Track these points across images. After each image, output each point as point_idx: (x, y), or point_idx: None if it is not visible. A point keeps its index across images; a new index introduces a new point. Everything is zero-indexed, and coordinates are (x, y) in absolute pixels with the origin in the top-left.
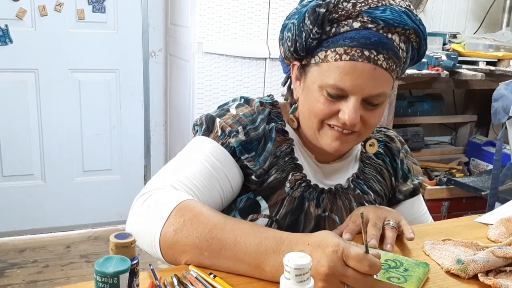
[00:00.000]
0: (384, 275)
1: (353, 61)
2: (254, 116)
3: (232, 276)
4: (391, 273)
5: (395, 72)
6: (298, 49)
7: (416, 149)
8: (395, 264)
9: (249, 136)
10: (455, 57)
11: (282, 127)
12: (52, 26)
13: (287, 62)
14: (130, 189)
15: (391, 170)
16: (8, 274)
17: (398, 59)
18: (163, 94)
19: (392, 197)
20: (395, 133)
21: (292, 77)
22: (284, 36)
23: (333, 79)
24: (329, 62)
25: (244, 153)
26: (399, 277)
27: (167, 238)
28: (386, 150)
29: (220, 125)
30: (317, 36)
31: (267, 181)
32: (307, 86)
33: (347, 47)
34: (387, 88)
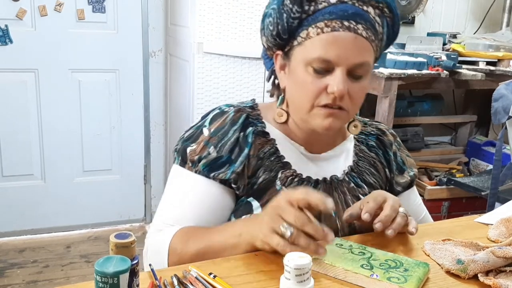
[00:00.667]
0: (384, 275)
1: (334, 32)
2: (226, 128)
3: (232, 276)
4: (391, 273)
5: (375, 44)
6: (281, 32)
7: (416, 149)
8: (395, 264)
9: (222, 150)
10: (455, 57)
11: (262, 129)
12: (52, 26)
13: (270, 53)
14: (130, 189)
15: (385, 162)
16: (8, 274)
17: (376, 31)
18: (163, 94)
19: (390, 190)
20: (387, 127)
21: (276, 68)
22: (265, 24)
23: (318, 52)
24: (311, 38)
25: (211, 171)
26: (399, 277)
27: (174, 262)
28: (378, 143)
29: (190, 156)
30: (297, 15)
31: (256, 183)
32: (292, 70)
33: (327, 21)
34: (369, 57)
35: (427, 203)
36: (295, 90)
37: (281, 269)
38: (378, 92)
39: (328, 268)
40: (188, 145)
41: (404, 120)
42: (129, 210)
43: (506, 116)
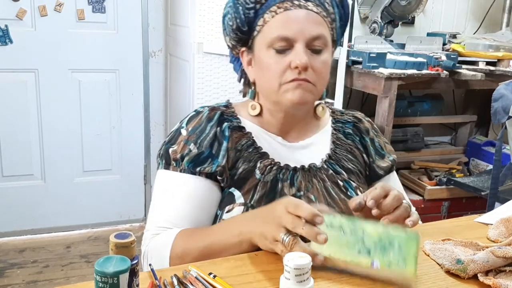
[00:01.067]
0: (384, 261)
1: (287, 11)
2: (203, 125)
3: (232, 276)
4: (388, 256)
5: (328, 21)
6: (240, 24)
7: (416, 149)
8: (387, 240)
9: (202, 146)
10: (455, 57)
11: (237, 124)
12: (52, 26)
13: (236, 52)
14: (130, 189)
15: (362, 148)
16: (8, 274)
17: (326, 9)
18: (163, 94)
19: (371, 174)
20: (363, 115)
21: (244, 65)
22: (225, 23)
23: (275, 32)
24: (268, 22)
25: (196, 166)
26: (398, 261)
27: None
28: (355, 130)
29: (173, 156)
30: (252, 6)
31: (236, 174)
32: (257, 58)
33: (279, 3)
34: (324, 31)
35: (427, 203)
36: (263, 75)
37: (281, 269)
38: (378, 92)
39: (326, 260)
40: (169, 147)
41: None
42: (129, 210)
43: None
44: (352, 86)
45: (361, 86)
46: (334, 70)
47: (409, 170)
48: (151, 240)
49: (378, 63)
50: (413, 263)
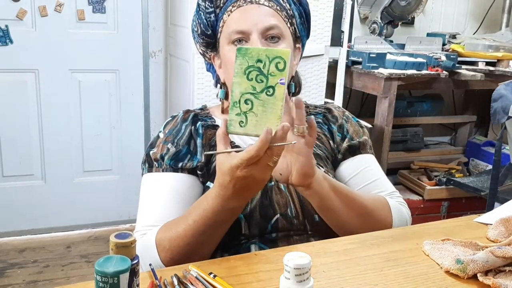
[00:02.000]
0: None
1: (240, 7)
2: (178, 126)
3: (232, 276)
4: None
5: (283, 14)
6: (203, 28)
7: (415, 149)
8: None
9: (179, 145)
10: (455, 58)
11: (211, 123)
12: (52, 26)
13: (208, 58)
14: (130, 189)
15: (328, 135)
16: (8, 274)
17: (280, 5)
18: (163, 94)
19: (337, 158)
20: (337, 106)
21: (216, 68)
22: (193, 33)
23: (233, 27)
24: (226, 21)
25: (178, 163)
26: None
27: (166, 256)
28: (324, 119)
29: (153, 156)
30: (211, 10)
31: (211, 168)
32: (222, 57)
33: (233, 3)
34: (278, 21)
35: (426, 203)
36: (227, 71)
37: (281, 269)
38: (378, 92)
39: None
40: (149, 150)
41: (403, 120)
42: (129, 210)
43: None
44: (352, 86)
45: (361, 86)
46: (334, 70)
47: (408, 170)
48: (139, 240)
49: (378, 63)
50: (275, 119)
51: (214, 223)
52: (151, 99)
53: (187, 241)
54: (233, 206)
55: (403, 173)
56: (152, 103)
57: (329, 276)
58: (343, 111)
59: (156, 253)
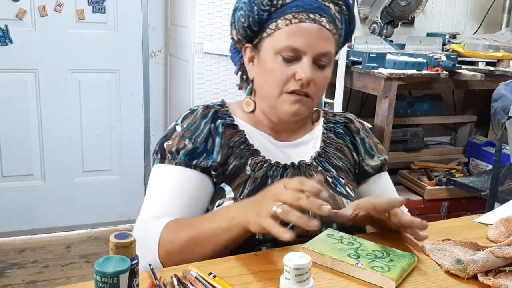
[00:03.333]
0: (369, 264)
1: (301, 23)
2: (197, 122)
3: (232, 276)
4: (376, 262)
5: (336, 37)
6: (251, 24)
7: (415, 149)
8: (381, 254)
9: (197, 142)
10: (455, 58)
11: (231, 122)
12: (52, 26)
13: (239, 46)
14: (130, 189)
15: (351, 147)
16: (8, 274)
17: (336, 26)
18: (163, 94)
19: (360, 172)
20: (355, 116)
21: (245, 60)
22: (236, 17)
23: (286, 41)
24: (280, 29)
25: (192, 159)
26: (383, 267)
27: (165, 257)
28: (345, 130)
29: (168, 149)
30: (267, 8)
31: (227, 170)
32: (261, 60)
33: (294, 13)
34: (332, 48)
35: (426, 203)
36: (264, 79)
37: (281, 269)
38: (378, 92)
39: (316, 256)
40: (164, 141)
41: (403, 121)
42: (129, 210)
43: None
44: (352, 86)
45: (361, 86)
46: (334, 70)
47: (408, 170)
48: (142, 229)
49: (378, 63)
50: (398, 273)
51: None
52: (151, 99)
53: (190, 243)
54: (232, 215)
55: (403, 173)
56: (152, 103)
57: (329, 276)
58: (362, 123)
59: (157, 244)
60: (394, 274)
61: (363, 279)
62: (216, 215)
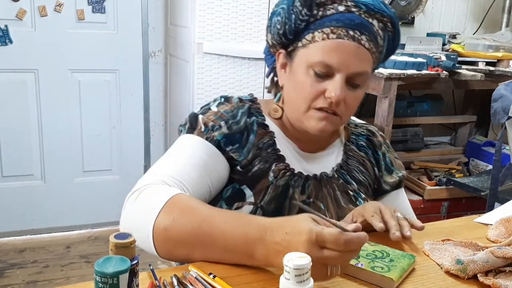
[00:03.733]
0: (369, 264)
1: (339, 39)
2: (235, 112)
3: (232, 276)
4: (376, 262)
5: (375, 56)
6: (287, 31)
7: (415, 149)
8: (381, 254)
9: (232, 129)
10: (455, 58)
11: (262, 121)
12: (52, 26)
13: (273, 51)
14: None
15: (374, 161)
16: (8, 275)
17: (377, 43)
18: (163, 94)
19: (378, 188)
20: (377, 129)
21: (277, 66)
22: (273, 22)
23: (321, 56)
24: (316, 42)
25: (228, 144)
26: (383, 267)
27: (159, 235)
28: (368, 143)
29: (203, 121)
30: (305, 18)
31: (251, 171)
32: (293, 70)
33: (333, 27)
34: (368, 68)
35: (426, 203)
36: (294, 90)
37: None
38: (378, 92)
39: None
40: (198, 114)
41: (403, 121)
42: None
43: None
44: None
45: None
46: None
47: (409, 170)
48: (146, 188)
49: None
50: (398, 273)
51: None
52: (151, 99)
53: (191, 236)
54: (255, 250)
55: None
56: (152, 103)
57: None
58: (384, 136)
59: (155, 216)
60: (394, 274)
61: (363, 279)
62: (235, 226)
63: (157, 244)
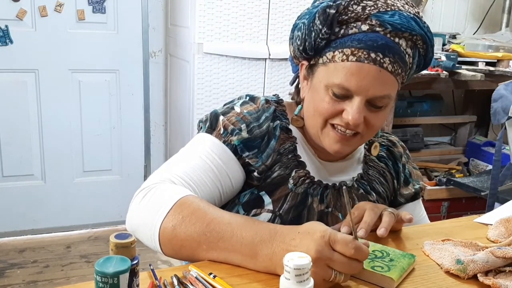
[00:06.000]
0: (369, 264)
1: (359, 62)
2: (259, 114)
3: (232, 276)
4: (376, 262)
5: (400, 76)
6: (307, 48)
7: (415, 149)
8: (381, 254)
9: (252, 133)
10: (455, 58)
11: (286, 125)
12: (52, 26)
13: (296, 62)
14: (130, 189)
15: (394, 173)
16: (8, 274)
17: (404, 63)
18: (163, 94)
19: (394, 200)
20: (397, 139)
21: (300, 76)
22: (294, 35)
23: (339, 79)
24: (336, 62)
25: (245, 151)
26: (383, 266)
27: (166, 233)
28: (388, 154)
29: (223, 123)
30: (326, 37)
31: (270, 177)
32: (313, 85)
33: (354, 48)
34: (391, 91)
35: (426, 203)
36: (312, 106)
37: None
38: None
39: None
40: (220, 114)
41: (403, 121)
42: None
43: (505, 117)
44: None
45: None
46: None
47: None
48: (157, 186)
49: None
50: (398, 272)
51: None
52: (151, 99)
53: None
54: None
55: None
56: (152, 103)
57: None
58: (404, 147)
59: (164, 214)
60: (394, 274)
61: (363, 279)
62: (244, 223)
63: (163, 242)
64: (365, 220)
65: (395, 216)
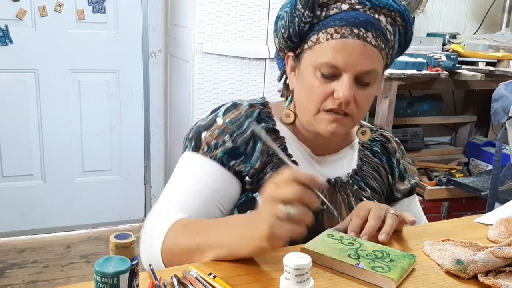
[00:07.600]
0: (369, 265)
1: (344, 39)
2: (241, 120)
3: (232, 276)
4: (376, 263)
5: (384, 52)
6: (292, 35)
7: (415, 149)
8: (381, 254)
9: (237, 142)
10: (455, 58)
11: (272, 127)
12: (52, 26)
13: (282, 54)
14: (130, 189)
15: (388, 169)
16: (8, 275)
17: (386, 39)
18: (163, 94)
19: (390, 196)
20: (391, 134)
21: (287, 69)
22: (278, 26)
23: (326, 57)
24: (321, 43)
25: (231, 160)
26: (383, 267)
27: (166, 256)
28: (382, 149)
29: (206, 140)
30: (308, 20)
31: (263, 179)
32: (301, 72)
33: (337, 27)
34: (377, 66)
35: (426, 203)
36: (303, 93)
37: (281, 269)
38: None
39: (316, 257)
40: (202, 131)
41: (404, 121)
42: (129, 210)
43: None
44: None
45: None
46: None
47: None
48: (154, 220)
49: None
50: (398, 273)
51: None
52: (151, 99)
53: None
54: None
55: None
56: (152, 103)
57: (329, 276)
58: (398, 142)
59: (160, 244)
60: (395, 274)
61: (363, 279)
62: (223, 228)
63: (167, 264)
64: (370, 225)
65: (398, 218)
